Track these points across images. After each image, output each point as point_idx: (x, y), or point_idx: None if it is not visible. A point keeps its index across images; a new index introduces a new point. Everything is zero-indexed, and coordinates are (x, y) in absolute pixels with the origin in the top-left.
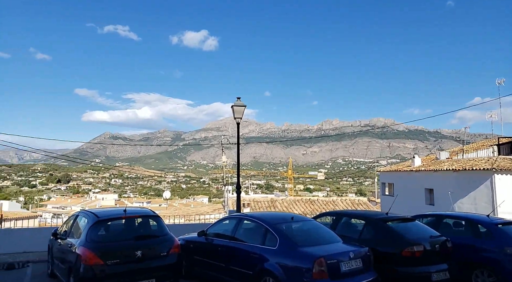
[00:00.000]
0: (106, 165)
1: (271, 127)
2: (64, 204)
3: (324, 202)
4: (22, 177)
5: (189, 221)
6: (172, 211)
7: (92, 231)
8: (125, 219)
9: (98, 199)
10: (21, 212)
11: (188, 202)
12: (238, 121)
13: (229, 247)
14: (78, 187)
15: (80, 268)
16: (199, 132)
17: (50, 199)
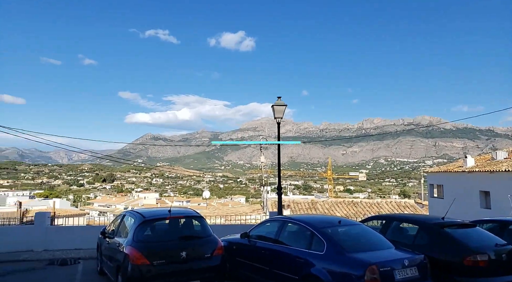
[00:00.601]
0: (148, 165)
1: (309, 126)
2: (109, 203)
3: (367, 204)
4: (71, 176)
5: (228, 221)
6: (211, 210)
7: (139, 231)
8: (170, 219)
9: (141, 198)
10: (70, 209)
11: (226, 201)
12: (278, 121)
13: (273, 250)
14: (122, 186)
15: (128, 267)
16: (236, 132)
17: (96, 198)
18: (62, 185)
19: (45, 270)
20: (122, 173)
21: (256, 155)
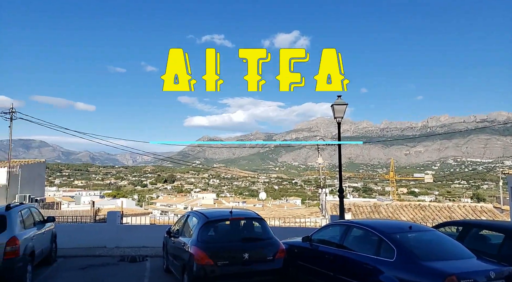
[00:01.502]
0: (205, 166)
1: (368, 126)
2: (170, 203)
3: (436, 208)
4: (135, 177)
5: (286, 223)
6: (267, 212)
7: (203, 231)
8: (231, 220)
9: (199, 198)
10: (135, 209)
11: (281, 203)
12: (339, 121)
13: (337, 255)
14: (182, 187)
15: (193, 267)
16: (290, 133)
17: (158, 198)
18: (127, 185)
19: (117, 265)
20: (181, 174)
21: (311, 156)
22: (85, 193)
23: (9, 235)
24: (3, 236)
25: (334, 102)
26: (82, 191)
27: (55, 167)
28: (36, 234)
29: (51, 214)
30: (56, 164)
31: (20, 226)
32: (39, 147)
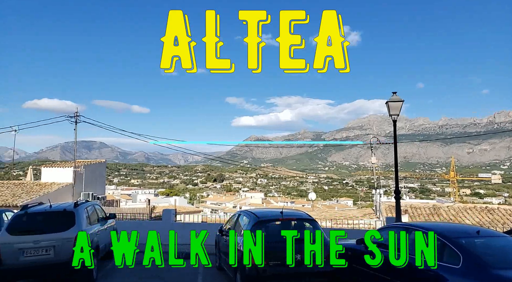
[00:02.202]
0: (253, 166)
1: (425, 122)
2: (220, 201)
3: (507, 211)
4: (187, 176)
5: (336, 225)
6: (317, 213)
7: (252, 231)
8: (282, 221)
9: (247, 198)
10: (187, 207)
11: (331, 204)
12: (394, 119)
13: None
14: (230, 186)
15: (245, 266)
16: (340, 131)
17: (209, 196)
18: (180, 184)
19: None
20: (230, 173)
21: (363, 155)
22: (141, 192)
23: (77, 230)
24: (72, 231)
25: (389, 99)
26: (138, 190)
27: (113, 166)
28: (100, 229)
29: (111, 211)
30: (115, 164)
31: (86, 222)
32: (99, 148)
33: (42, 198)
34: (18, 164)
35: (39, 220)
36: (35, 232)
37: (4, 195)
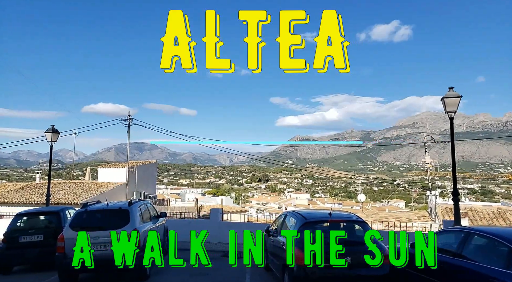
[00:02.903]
0: (298, 166)
1: (486, 119)
2: (265, 201)
3: None
4: (232, 176)
5: (388, 227)
6: (367, 215)
7: (301, 232)
8: (330, 222)
9: (293, 198)
10: (233, 206)
11: (382, 206)
12: (451, 116)
13: (453, 265)
14: (275, 186)
15: (294, 267)
16: (390, 130)
17: (254, 196)
18: (225, 184)
19: (220, 260)
20: (275, 174)
21: (416, 154)
22: (189, 191)
23: (131, 228)
24: (126, 228)
25: (445, 95)
26: (186, 189)
27: (163, 167)
28: (152, 227)
29: (162, 209)
30: (164, 164)
31: (139, 220)
32: (150, 149)
33: (99, 196)
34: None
35: (97, 217)
36: (94, 228)
37: (67, 193)
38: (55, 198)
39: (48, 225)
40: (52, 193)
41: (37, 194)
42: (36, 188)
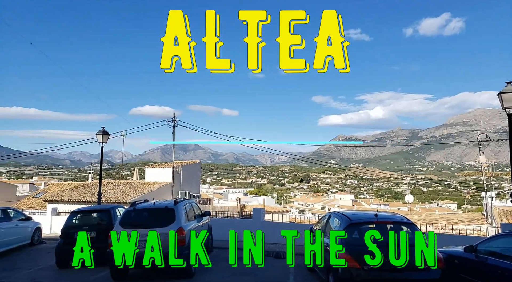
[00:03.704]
0: (341, 166)
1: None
2: (307, 202)
3: None
4: (273, 177)
5: (439, 230)
6: (415, 216)
7: (347, 233)
8: (377, 224)
9: (336, 199)
10: (275, 206)
11: (431, 207)
12: (509, 112)
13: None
14: (318, 187)
15: (339, 268)
16: (440, 128)
17: (296, 197)
18: (267, 184)
19: (264, 260)
20: (317, 174)
21: (468, 154)
22: (231, 191)
23: (177, 226)
24: (173, 226)
25: (503, 90)
26: (228, 189)
27: (206, 167)
28: (197, 226)
29: (206, 208)
30: (207, 164)
31: (185, 218)
32: (193, 149)
33: (146, 196)
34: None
35: (145, 215)
36: (142, 226)
37: (116, 192)
38: (106, 197)
39: (100, 222)
40: (103, 192)
41: (89, 193)
42: (89, 187)
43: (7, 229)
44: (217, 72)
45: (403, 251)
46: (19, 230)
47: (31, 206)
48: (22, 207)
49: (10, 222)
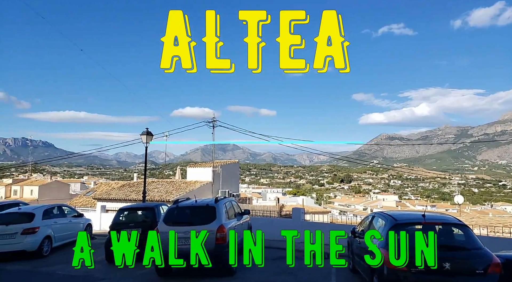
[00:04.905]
0: (384, 166)
1: None
2: (348, 203)
3: None
4: (312, 177)
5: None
6: (466, 218)
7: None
8: (424, 224)
9: (379, 200)
10: (315, 207)
11: (484, 209)
12: None
13: None
14: (359, 187)
15: (384, 270)
16: (493, 125)
17: (336, 197)
18: (305, 184)
19: (303, 260)
20: (358, 174)
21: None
22: (269, 190)
23: (218, 224)
24: (214, 224)
25: None
26: (267, 188)
27: (245, 167)
28: (237, 224)
29: (244, 207)
30: (246, 164)
31: (225, 216)
32: (232, 150)
33: (188, 194)
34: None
35: (187, 213)
36: (184, 223)
37: (160, 191)
38: (150, 196)
39: (145, 219)
40: (147, 191)
41: (134, 192)
42: (134, 186)
43: (62, 224)
44: (217, 72)
45: (454, 254)
46: (73, 226)
47: (82, 203)
48: (74, 205)
49: (65, 218)
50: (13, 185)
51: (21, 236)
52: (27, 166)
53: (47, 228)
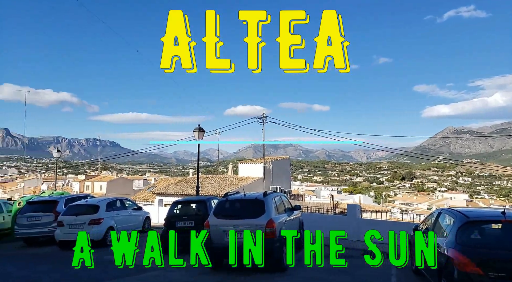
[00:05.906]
0: (452, 162)
1: None
2: (410, 201)
3: None
4: (370, 174)
5: None
6: None
7: (463, 232)
8: (504, 223)
9: (446, 199)
10: (373, 205)
11: None
12: None
13: None
14: (423, 185)
15: (454, 272)
16: None
17: (396, 196)
18: (363, 182)
19: (361, 259)
20: (421, 171)
21: None
22: (323, 188)
23: (267, 218)
24: (262, 218)
25: None
26: (321, 186)
27: (297, 164)
28: (287, 219)
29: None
30: (298, 161)
31: (274, 211)
32: (284, 147)
33: (239, 190)
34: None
35: (236, 206)
36: (234, 217)
37: (213, 186)
38: (204, 190)
39: (197, 212)
40: (202, 186)
41: (190, 187)
42: (190, 182)
43: (123, 216)
44: (217, 72)
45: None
46: (133, 218)
47: (144, 198)
48: (136, 199)
49: (126, 210)
50: (86, 181)
51: (88, 226)
52: (97, 164)
53: (110, 219)
